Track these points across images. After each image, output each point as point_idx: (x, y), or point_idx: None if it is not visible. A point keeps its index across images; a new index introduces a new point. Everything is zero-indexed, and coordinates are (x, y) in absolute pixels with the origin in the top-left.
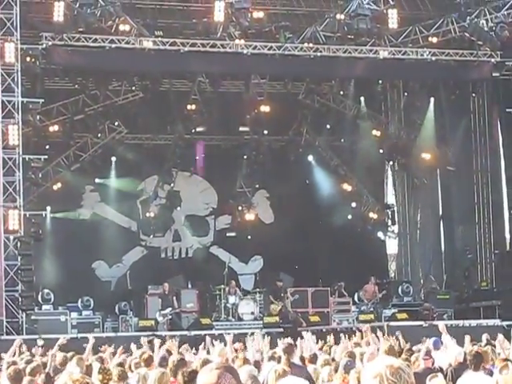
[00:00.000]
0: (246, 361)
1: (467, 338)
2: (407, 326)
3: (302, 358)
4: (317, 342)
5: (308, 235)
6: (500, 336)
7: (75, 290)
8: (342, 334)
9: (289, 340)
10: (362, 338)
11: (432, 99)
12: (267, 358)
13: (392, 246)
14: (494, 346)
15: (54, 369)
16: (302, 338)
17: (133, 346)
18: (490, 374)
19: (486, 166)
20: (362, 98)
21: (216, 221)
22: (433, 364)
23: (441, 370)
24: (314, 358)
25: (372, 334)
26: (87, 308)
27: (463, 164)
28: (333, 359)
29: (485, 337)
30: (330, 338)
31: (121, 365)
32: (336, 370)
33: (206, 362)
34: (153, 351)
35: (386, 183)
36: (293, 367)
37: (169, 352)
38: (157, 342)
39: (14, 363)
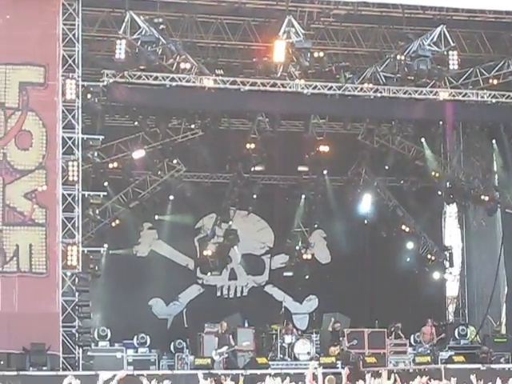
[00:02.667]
0: None
1: None
2: (464, 369)
3: None
4: None
5: (365, 276)
6: None
7: (132, 327)
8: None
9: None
10: None
11: (493, 141)
12: None
13: (450, 288)
14: None
15: None
16: (362, 379)
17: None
18: None
19: None
20: (423, 139)
21: (272, 260)
22: None
23: None
24: None
25: None
26: (143, 345)
27: None
28: None
29: None
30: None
31: None
32: None
33: None
34: None
35: (444, 225)
36: None
37: None
38: None
39: None
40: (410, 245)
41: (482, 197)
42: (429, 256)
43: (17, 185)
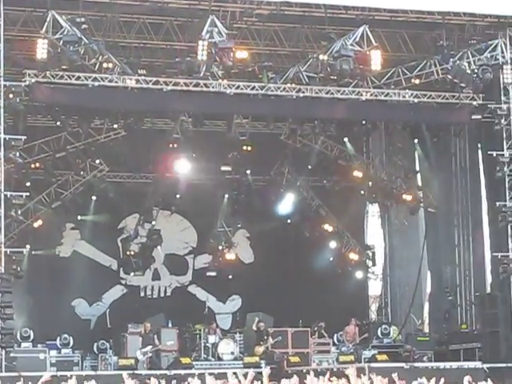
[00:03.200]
0: None
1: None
2: (388, 367)
3: None
4: None
5: (288, 275)
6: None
7: (54, 328)
8: (320, 376)
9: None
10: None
11: (416, 141)
12: None
13: (373, 287)
14: None
15: None
16: (287, 378)
17: None
18: None
19: (466, 207)
20: (346, 139)
21: (195, 260)
22: None
23: None
24: None
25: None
26: (66, 346)
27: (445, 206)
28: None
29: (466, 379)
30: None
31: None
32: None
33: None
34: None
35: (366, 224)
36: None
37: None
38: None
39: None
40: (332, 244)
41: (404, 196)
42: (351, 255)
43: None
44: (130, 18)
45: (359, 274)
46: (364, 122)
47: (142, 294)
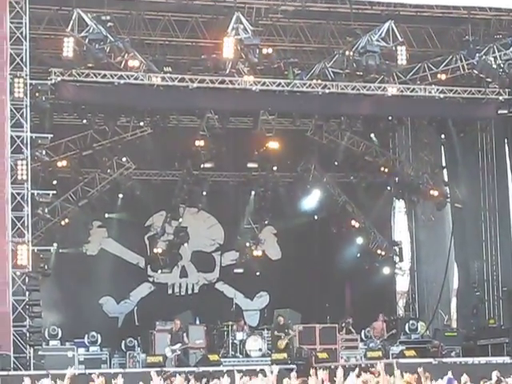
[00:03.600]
0: None
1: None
2: (416, 363)
3: None
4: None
5: (315, 271)
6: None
7: (82, 326)
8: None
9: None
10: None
11: (442, 136)
12: None
13: (400, 283)
14: None
15: None
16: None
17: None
18: None
19: (494, 203)
20: (373, 135)
21: (222, 257)
22: None
23: None
24: None
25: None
26: (94, 344)
27: (471, 201)
28: None
29: (495, 374)
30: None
31: None
32: None
33: None
34: None
35: (393, 220)
36: None
37: None
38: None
39: None
40: (359, 240)
41: (431, 192)
42: (379, 251)
43: None
44: (156, 15)
45: (386, 270)
46: (390, 118)
47: (170, 292)
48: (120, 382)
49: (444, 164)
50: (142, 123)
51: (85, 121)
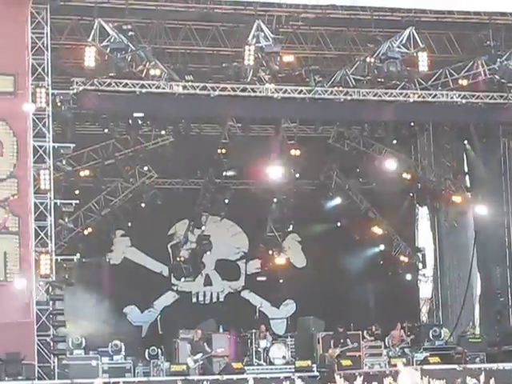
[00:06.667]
0: None
1: None
2: (440, 369)
3: None
4: None
5: (338, 278)
6: None
7: (106, 335)
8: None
9: None
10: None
11: (464, 142)
12: None
13: (423, 290)
14: None
15: None
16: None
17: None
18: None
19: None
20: (395, 142)
21: (247, 265)
22: None
23: None
24: None
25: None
26: (118, 353)
27: (494, 206)
28: None
29: None
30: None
31: None
32: None
33: None
34: None
35: (416, 226)
36: None
37: None
38: None
39: None
40: (382, 247)
41: (454, 198)
42: (402, 258)
43: None
44: (177, 24)
45: (409, 277)
46: (412, 124)
47: (194, 300)
48: None
49: (466, 170)
50: (163, 132)
51: (107, 130)
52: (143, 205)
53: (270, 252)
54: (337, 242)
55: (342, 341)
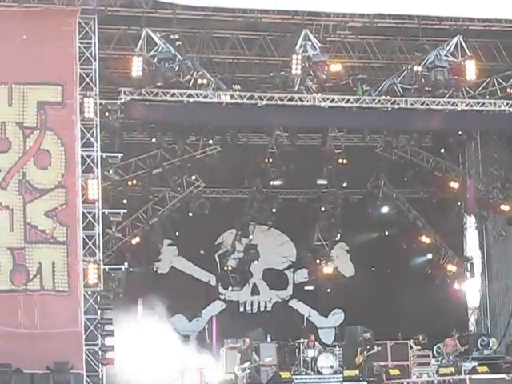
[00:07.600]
0: None
1: None
2: (489, 379)
3: None
4: None
5: (386, 287)
6: None
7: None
8: None
9: None
10: None
11: None
12: None
13: (471, 299)
14: None
15: None
16: None
17: None
18: None
19: None
20: (442, 150)
21: (295, 274)
22: None
23: None
24: None
25: None
26: None
27: None
28: None
29: None
30: None
31: None
32: None
33: None
34: None
35: (464, 235)
36: None
37: None
38: None
39: None
40: (430, 256)
41: (502, 206)
42: (449, 267)
43: (37, 204)
44: (224, 33)
45: (457, 286)
46: (460, 133)
47: (242, 309)
48: None
49: None
50: (211, 141)
51: (154, 139)
52: (191, 214)
53: (318, 261)
54: (385, 251)
55: (368, 347)
